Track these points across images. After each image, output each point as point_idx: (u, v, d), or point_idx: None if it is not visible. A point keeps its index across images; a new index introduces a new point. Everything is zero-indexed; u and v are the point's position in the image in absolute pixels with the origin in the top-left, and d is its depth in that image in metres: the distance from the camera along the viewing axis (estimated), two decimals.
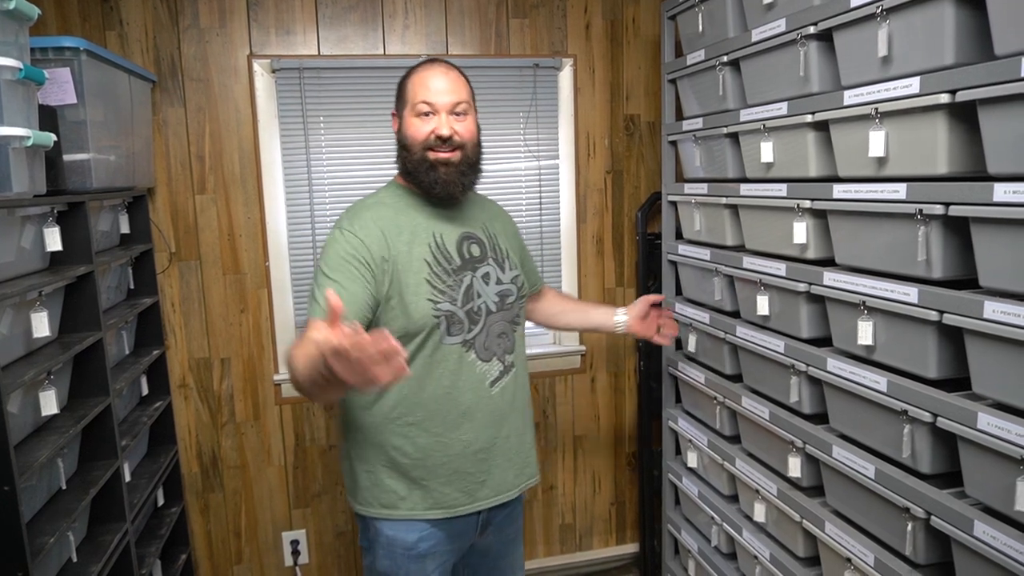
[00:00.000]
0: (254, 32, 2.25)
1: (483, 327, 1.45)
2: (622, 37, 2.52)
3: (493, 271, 1.49)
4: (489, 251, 1.50)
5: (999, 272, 1.15)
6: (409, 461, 1.43)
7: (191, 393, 2.35)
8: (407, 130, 1.42)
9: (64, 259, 1.61)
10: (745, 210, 1.84)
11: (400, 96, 1.46)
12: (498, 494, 1.51)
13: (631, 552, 2.79)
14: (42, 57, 1.60)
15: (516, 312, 1.52)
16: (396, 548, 1.45)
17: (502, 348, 1.48)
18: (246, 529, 2.45)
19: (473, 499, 1.47)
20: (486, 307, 1.45)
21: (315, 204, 2.32)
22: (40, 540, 1.34)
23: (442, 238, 1.43)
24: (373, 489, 1.46)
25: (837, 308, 1.52)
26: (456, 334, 1.41)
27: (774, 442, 1.76)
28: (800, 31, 1.52)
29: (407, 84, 1.44)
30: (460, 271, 1.43)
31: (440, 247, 1.42)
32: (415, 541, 1.44)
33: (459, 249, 1.45)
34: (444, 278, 1.40)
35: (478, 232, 1.50)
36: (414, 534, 1.44)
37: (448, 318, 1.39)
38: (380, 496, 1.46)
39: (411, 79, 1.44)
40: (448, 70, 1.44)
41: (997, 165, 1.14)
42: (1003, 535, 1.13)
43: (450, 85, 1.41)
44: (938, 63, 1.22)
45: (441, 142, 1.39)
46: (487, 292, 1.46)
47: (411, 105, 1.41)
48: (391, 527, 1.45)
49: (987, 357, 1.18)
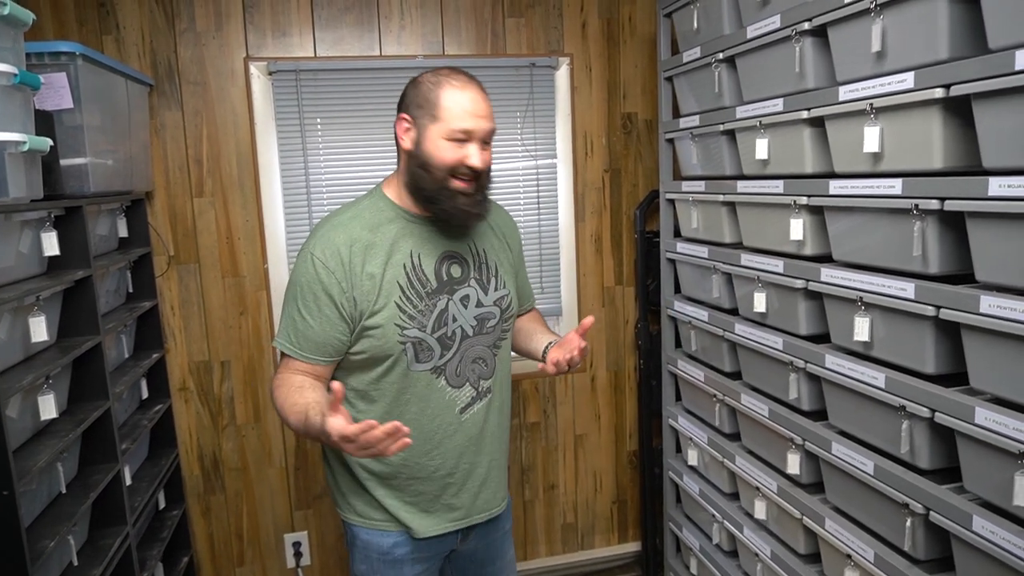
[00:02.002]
0: (250, 34, 2.25)
1: (456, 352, 1.38)
2: (618, 35, 2.52)
3: (474, 293, 1.40)
4: (472, 271, 1.41)
5: (995, 266, 1.15)
6: (375, 480, 1.42)
7: (191, 396, 2.36)
8: (432, 150, 1.28)
9: (62, 263, 1.62)
10: (742, 207, 1.84)
11: (423, 104, 1.29)
12: (467, 517, 1.47)
13: (633, 551, 2.79)
14: (38, 62, 1.60)
15: (498, 336, 1.45)
16: (371, 552, 1.45)
17: (476, 374, 1.42)
18: (248, 531, 2.46)
19: (440, 523, 1.45)
20: (461, 331, 1.38)
21: (313, 206, 2.33)
22: (40, 544, 1.35)
23: (419, 259, 1.35)
24: (349, 495, 1.46)
25: (835, 304, 1.52)
26: (425, 361, 1.35)
27: (774, 439, 1.76)
28: (795, 27, 1.52)
29: (438, 98, 1.28)
30: (435, 294, 1.35)
31: (416, 268, 1.34)
32: (390, 547, 1.44)
33: (437, 270, 1.37)
34: (416, 302, 1.33)
35: (462, 251, 1.41)
36: (388, 540, 1.44)
37: (416, 345, 1.33)
38: (355, 505, 1.45)
39: (446, 94, 1.28)
40: (485, 95, 1.32)
41: (992, 159, 1.14)
42: (1002, 530, 1.13)
43: (487, 110, 1.31)
44: (932, 57, 1.22)
45: (469, 172, 1.29)
46: (464, 316, 1.38)
47: (444, 124, 1.27)
48: (366, 532, 1.45)
49: (984, 352, 1.18)
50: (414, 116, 1.31)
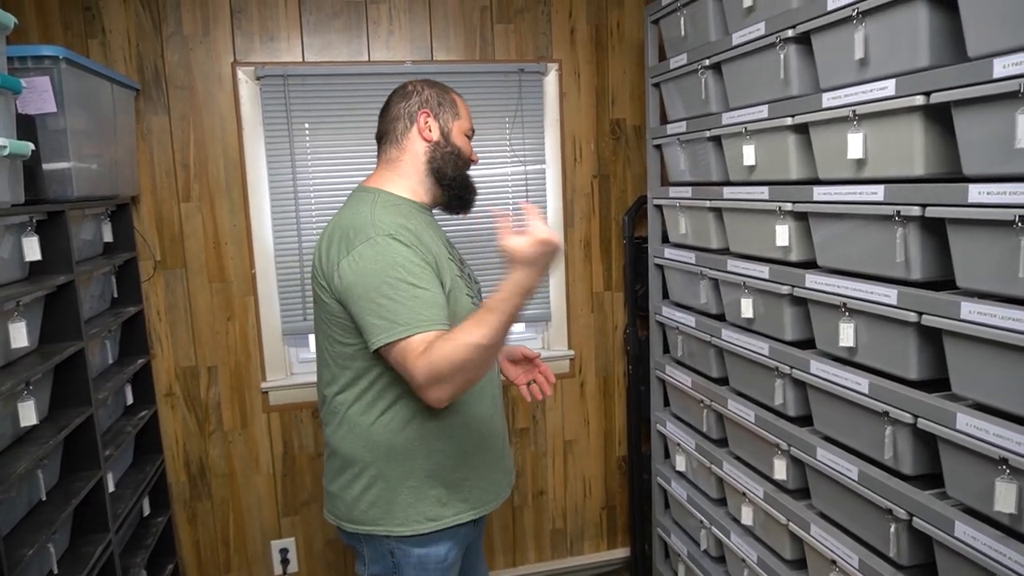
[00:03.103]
0: (238, 39, 2.25)
1: None
2: (607, 41, 2.53)
3: (472, 275, 1.55)
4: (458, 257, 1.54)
5: (975, 273, 1.16)
6: (451, 462, 1.40)
7: (178, 402, 2.34)
8: (459, 142, 1.48)
9: (44, 269, 1.60)
10: (729, 213, 1.84)
11: (445, 103, 1.47)
12: (511, 484, 1.56)
13: (622, 556, 2.78)
14: (21, 66, 1.59)
15: None
16: (430, 564, 1.40)
17: None
18: (234, 538, 2.44)
19: (501, 492, 1.51)
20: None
21: (301, 211, 2.32)
22: (19, 552, 1.33)
23: (443, 240, 1.48)
24: (417, 504, 1.38)
25: (819, 310, 1.53)
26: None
27: (760, 445, 1.76)
28: (779, 34, 1.53)
29: (455, 101, 1.49)
30: (463, 268, 1.50)
31: (451, 249, 1.48)
32: (446, 552, 1.41)
33: (451, 253, 1.48)
34: (466, 278, 1.46)
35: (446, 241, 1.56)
36: (443, 547, 1.41)
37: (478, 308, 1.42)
38: (426, 510, 1.38)
39: (458, 99, 1.50)
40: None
41: (971, 166, 1.14)
42: (983, 535, 1.13)
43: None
44: (913, 65, 1.23)
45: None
46: (480, 292, 1.54)
47: (464, 123, 1.49)
48: (422, 546, 1.39)
49: (965, 358, 1.18)
50: (436, 112, 1.46)
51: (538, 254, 1.16)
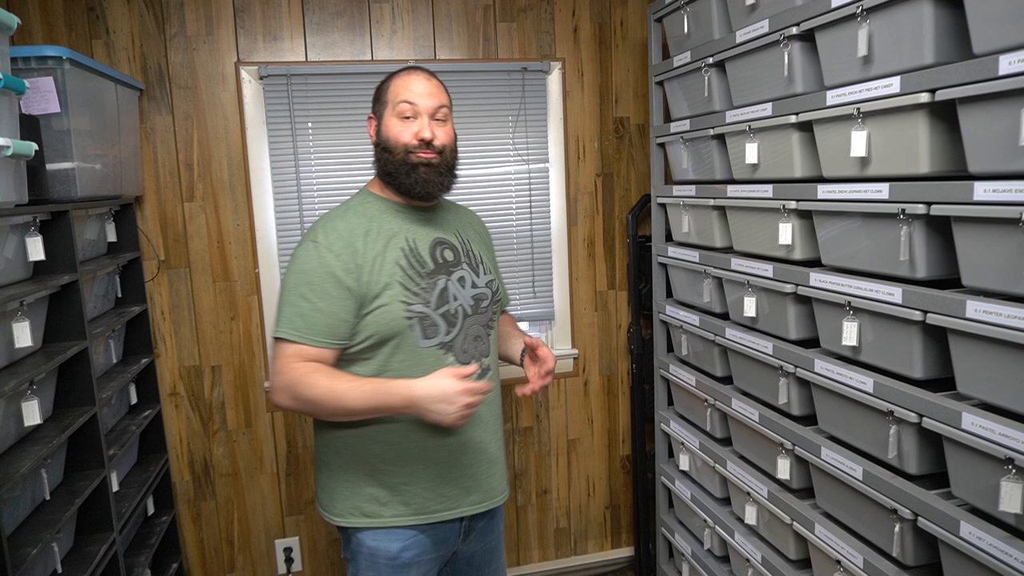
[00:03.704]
0: (241, 39, 2.25)
1: (460, 329, 1.43)
2: (610, 40, 2.52)
3: (468, 275, 1.47)
4: (463, 256, 1.49)
5: (981, 271, 1.15)
6: (389, 467, 1.42)
7: (182, 401, 2.35)
8: (388, 131, 1.42)
9: (48, 268, 1.61)
10: (732, 211, 1.84)
11: (379, 98, 1.46)
12: (483, 501, 1.49)
13: (626, 556, 2.78)
14: (24, 66, 1.59)
15: (491, 316, 1.51)
16: (379, 558, 1.43)
17: (479, 351, 1.46)
18: (239, 537, 2.44)
19: (456, 505, 1.46)
20: (463, 310, 1.44)
21: (304, 210, 2.32)
22: (23, 551, 1.33)
23: (415, 242, 1.42)
24: (353, 498, 1.44)
25: (823, 309, 1.52)
26: (432, 336, 1.39)
27: (764, 444, 1.75)
28: (783, 32, 1.52)
29: (387, 86, 1.44)
30: (433, 275, 1.42)
31: (413, 251, 1.41)
32: (398, 551, 1.43)
33: (432, 254, 1.44)
34: (417, 280, 1.39)
35: (451, 238, 1.49)
36: (397, 543, 1.43)
37: (421, 320, 1.38)
38: (361, 505, 1.43)
39: (392, 82, 1.44)
40: (429, 76, 1.45)
41: (977, 164, 1.14)
42: (989, 536, 1.13)
43: (432, 89, 1.43)
44: (918, 62, 1.22)
45: (424, 144, 1.40)
46: (463, 295, 1.44)
47: (392, 106, 1.41)
48: (373, 537, 1.43)
49: (970, 357, 1.17)
50: (375, 111, 1.48)
51: (437, 412, 1.26)
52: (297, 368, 1.33)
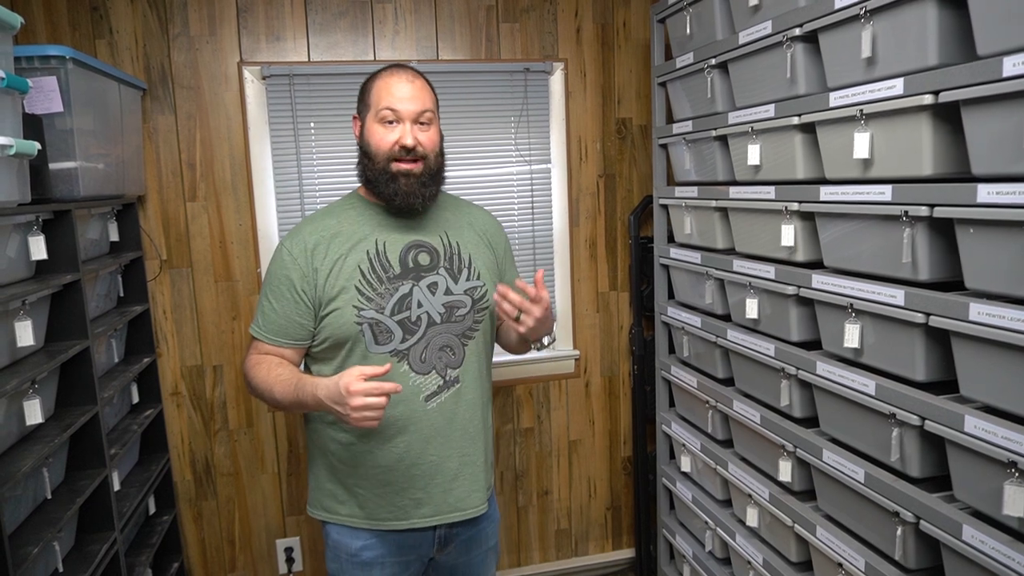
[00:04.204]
0: (244, 39, 2.25)
1: (422, 338, 1.40)
2: (613, 41, 2.52)
3: (443, 281, 1.43)
4: (442, 260, 1.44)
5: (984, 274, 1.14)
6: (343, 467, 1.44)
7: (183, 400, 2.35)
8: (370, 137, 1.39)
9: (50, 267, 1.61)
10: (735, 213, 1.83)
11: (363, 99, 1.43)
12: (436, 515, 1.44)
13: (627, 557, 2.77)
14: (28, 66, 1.59)
15: (469, 325, 1.45)
16: (340, 552, 1.46)
17: (443, 362, 1.42)
18: (240, 537, 2.45)
19: (408, 516, 1.43)
20: (428, 317, 1.40)
21: (306, 210, 2.32)
22: (24, 550, 1.34)
23: (384, 246, 1.41)
24: (317, 491, 1.49)
25: (825, 311, 1.51)
26: (384, 343, 1.37)
27: (765, 446, 1.75)
28: (785, 33, 1.52)
29: (371, 87, 1.41)
30: (397, 279, 1.39)
31: (379, 255, 1.40)
32: (358, 548, 1.44)
33: (403, 257, 1.41)
34: (375, 286, 1.38)
35: (432, 241, 1.45)
36: (357, 541, 1.44)
37: (373, 326, 1.36)
38: (322, 499, 1.48)
39: (375, 83, 1.40)
40: (414, 77, 1.41)
41: (981, 166, 1.13)
42: (992, 539, 1.12)
43: (415, 93, 1.38)
44: (921, 64, 1.22)
45: (405, 152, 1.36)
46: (431, 302, 1.41)
47: (375, 110, 1.38)
48: (336, 531, 1.47)
49: (973, 359, 1.17)
50: (358, 111, 1.46)
51: (338, 413, 1.24)
52: (250, 359, 1.43)
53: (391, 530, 1.44)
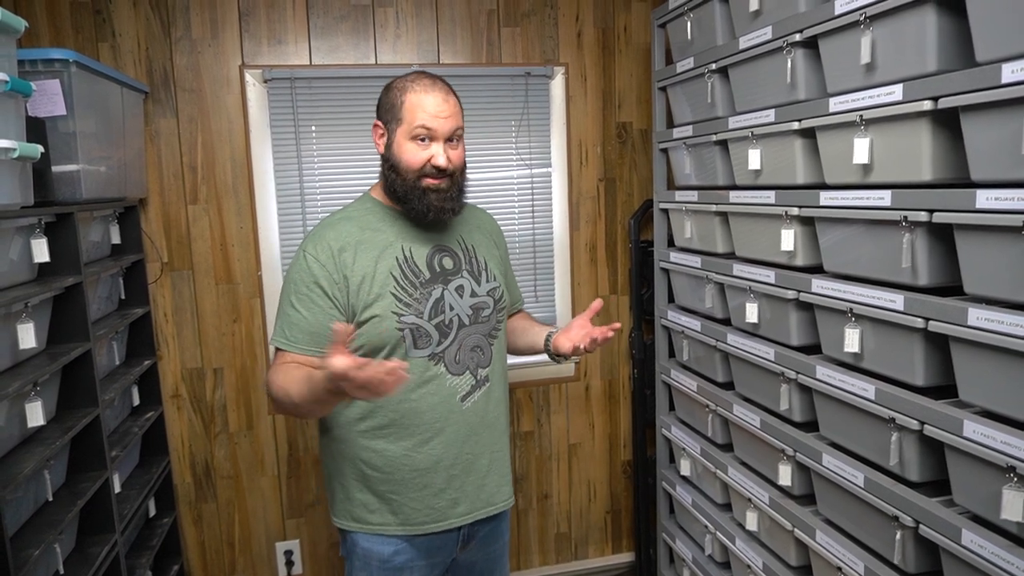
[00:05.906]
0: (246, 42, 2.26)
1: (454, 340, 1.41)
2: (614, 45, 2.53)
3: (468, 284, 1.45)
4: (464, 264, 1.47)
5: (983, 279, 1.15)
6: (377, 475, 1.42)
7: (184, 403, 2.35)
8: (401, 153, 1.36)
9: (52, 270, 1.61)
10: (735, 217, 1.84)
11: (390, 109, 1.38)
12: (471, 512, 1.46)
13: (627, 561, 2.77)
14: (31, 69, 1.60)
15: (493, 325, 1.48)
16: (372, 560, 1.44)
17: (475, 362, 1.44)
18: (239, 539, 2.45)
19: (445, 517, 1.44)
20: (458, 320, 1.42)
21: (307, 213, 2.33)
22: (25, 553, 1.34)
23: (411, 252, 1.41)
24: (346, 502, 1.46)
25: (825, 315, 1.52)
26: (423, 347, 1.38)
27: (765, 450, 1.75)
28: (786, 38, 1.53)
29: (403, 100, 1.36)
30: (429, 284, 1.40)
31: (408, 260, 1.40)
32: (390, 554, 1.43)
33: (429, 262, 1.42)
34: (411, 291, 1.38)
35: (452, 245, 1.47)
36: (389, 547, 1.43)
37: (413, 331, 1.37)
38: (352, 510, 1.45)
39: (408, 96, 1.36)
40: (448, 93, 1.39)
41: (979, 172, 1.14)
42: (991, 544, 1.13)
43: (451, 110, 1.37)
44: (921, 70, 1.22)
45: (437, 171, 1.36)
46: (460, 305, 1.43)
47: (407, 125, 1.35)
48: (366, 539, 1.44)
49: (972, 364, 1.17)
50: (385, 121, 1.41)
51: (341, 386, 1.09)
52: (271, 371, 1.37)
53: (422, 534, 1.44)
